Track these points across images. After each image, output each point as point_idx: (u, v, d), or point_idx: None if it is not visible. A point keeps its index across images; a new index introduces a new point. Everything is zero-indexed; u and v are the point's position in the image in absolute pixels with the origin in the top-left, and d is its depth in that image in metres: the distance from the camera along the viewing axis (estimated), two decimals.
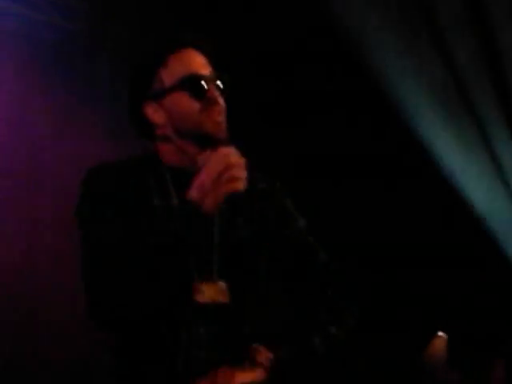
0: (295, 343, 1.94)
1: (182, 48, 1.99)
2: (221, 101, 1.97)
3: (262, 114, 5.36)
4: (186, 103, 1.95)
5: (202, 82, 1.95)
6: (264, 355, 1.87)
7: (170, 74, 1.96)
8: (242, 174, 1.79)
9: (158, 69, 1.97)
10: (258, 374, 1.86)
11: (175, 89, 1.95)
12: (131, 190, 1.93)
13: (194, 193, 1.78)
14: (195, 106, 1.94)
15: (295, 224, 2.07)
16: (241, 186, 1.79)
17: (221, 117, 1.95)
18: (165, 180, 1.95)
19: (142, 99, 1.99)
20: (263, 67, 5.32)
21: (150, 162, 2.00)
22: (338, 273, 2.05)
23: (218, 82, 1.99)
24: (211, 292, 1.88)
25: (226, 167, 1.77)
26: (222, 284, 1.90)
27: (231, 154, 1.79)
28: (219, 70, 2.01)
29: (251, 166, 1.84)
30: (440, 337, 5.29)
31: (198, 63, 1.99)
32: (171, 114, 1.96)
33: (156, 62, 1.97)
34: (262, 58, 5.28)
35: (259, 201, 2.02)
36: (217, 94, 1.97)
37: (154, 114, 1.97)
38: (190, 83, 1.95)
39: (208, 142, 1.92)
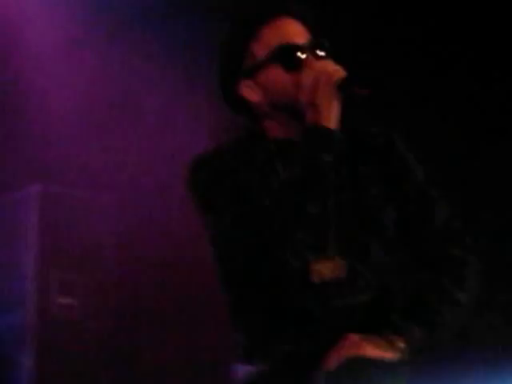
0: (424, 318, 1.82)
1: (273, 17, 1.85)
2: None
3: None
4: (281, 76, 1.82)
5: (298, 53, 1.82)
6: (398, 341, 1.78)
7: (263, 46, 1.83)
8: (336, 67, 1.77)
9: (249, 43, 1.84)
10: (387, 353, 1.75)
11: (269, 62, 1.83)
12: (250, 170, 1.83)
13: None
14: (291, 78, 1.82)
15: (414, 177, 1.92)
16: (343, 73, 1.75)
17: None
18: (272, 154, 1.85)
19: (235, 77, 1.86)
20: None
21: (256, 139, 1.88)
22: (459, 232, 1.90)
23: (318, 51, 1.85)
24: (327, 270, 1.77)
25: (319, 70, 1.75)
26: (338, 259, 1.79)
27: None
28: (320, 37, 1.86)
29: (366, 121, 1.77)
30: None
31: (293, 32, 1.84)
32: (267, 90, 1.84)
33: (246, 36, 1.84)
34: None
35: (381, 155, 1.90)
36: (315, 62, 1.82)
37: (250, 91, 1.85)
38: (284, 54, 1.81)
39: None
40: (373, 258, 1.84)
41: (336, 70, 1.77)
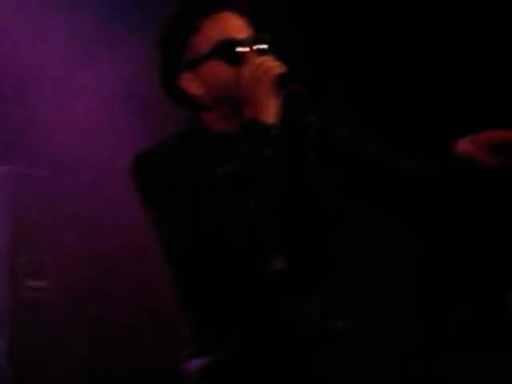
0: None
1: (215, 11, 1.86)
2: None
3: None
4: (222, 71, 1.85)
5: (239, 47, 1.84)
6: None
7: (204, 40, 1.85)
8: (276, 62, 1.79)
9: (191, 36, 1.86)
10: None
11: (210, 56, 1.85)
12: (190, 164, 1.84)
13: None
14: (232, 73, 1.84)
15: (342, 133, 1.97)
16: (282, 68, 1.77)
17: None
18: (213, 148, 1.87)
19: (176, 70, 1.88)
20: None
21: (197, 132, 1.91)
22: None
23: (259, 45, 1.86)
24: (269, 263, 1.83)
25: (258, 65, 1.77)
26: (278, 252, 1.83)
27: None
28: (261, 32, 1.87)
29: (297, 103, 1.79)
30: None
31: (234, 26, 1.86)
32: (208, 84, 1.86)
33: (188, 29, 1.86)
34: None
35: (318, 141, 1.93)
36: (256, 57, 1.84)
37: (190, 84, 1.87)
38: (225, 49, 1.84)
39: None
40: (313, 248, 1.88)
41: (275, 66, 1.79)
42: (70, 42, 4.37)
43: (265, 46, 1.87)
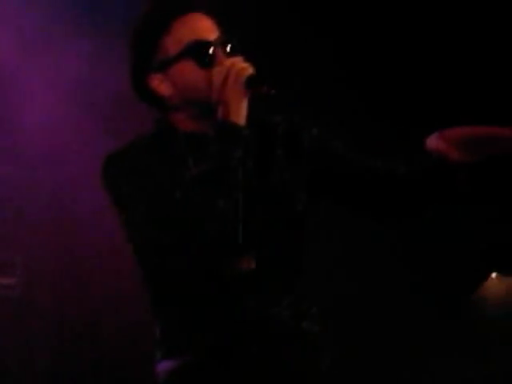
0: None
1: (185, 12, 1.88)
2: None
3: None
4: (192, 73, 1.87)
5: (209, 49, 1.86)
6: None
7: (174, 41, 1.86)
8: (245, 63, 1.81)
9: (161, 36, 1.87)
10: None
11: (180, 57, 1.86)
12: (160, 164, 1.86)
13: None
14: (202, 74, 1.86)
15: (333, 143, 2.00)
16: (251, 70, 1.80)
17: None
18: (182, 148, 1.88)
19: (146, 70, 1.89)
20: None
21: (167, 132, 1.92)
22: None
23: (228, 47, 1.89)
24: (238, 263, 1.85)
25: (229, 67, 1.79)
26: (248, 252, 1.85)
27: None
28: (229, 33, 1.90)
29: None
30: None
31: (204, 28, 1.88)
32: (178, 85, 1.88)
33: (158, 30, 1.87)
34: None
35: (286, 141, 1.96)
36: (225, 60, 1.86)
37: (160, 85, 1.88)
38: (196, 50, 1.85)
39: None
40: (283, 248, 1.89)
41: (244, 67, 1.81)
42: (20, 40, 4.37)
43: (233, 48, 1.89)
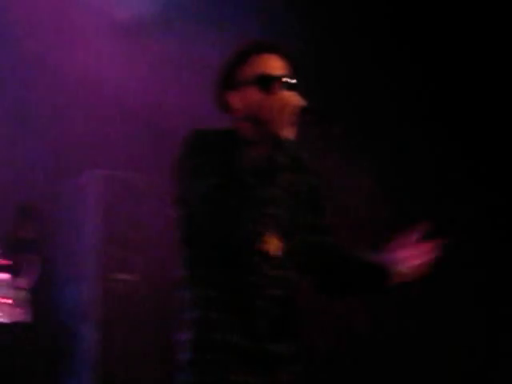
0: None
1: (264, 52, 2.42)
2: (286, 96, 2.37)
3: None
4: (255, 96, 2.38)
5: (273, 82, 2.38)
6: None
7: (250, 70, 2.40)
8: (298, 97, 2.31)
9: (241, 66, 2.42)
10: None
11: (249, 83, 2.40)
12: (227, 153, 2.34)
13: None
14: (265, 100, 2.37)
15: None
16: (303, 103, 2.31)
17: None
18: (240, 152, 2.37)
19: (226, 88, 2.43)
20: None
21: (232, 135, 2.42)
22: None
23: (289, 82, 2.37)
24: (275, 245, 2.33)
25: (285, 97, 2.32)
26: (279, 239, 2.34)
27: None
28: (293, 73, 2.40)
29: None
30: None
31: (274, 65, 2.41)
32: (244, 102, 2.40)
33: (241, 60, 2.42)
34: None
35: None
36: (284, 91, 2.36)
37: (233, 99, 2.41)
38: (262, 80, 2.38)
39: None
40: (301, 242, 2.42)
41: (297, 100, 2.33)
42: None
43: (293, 84, 2.40)
